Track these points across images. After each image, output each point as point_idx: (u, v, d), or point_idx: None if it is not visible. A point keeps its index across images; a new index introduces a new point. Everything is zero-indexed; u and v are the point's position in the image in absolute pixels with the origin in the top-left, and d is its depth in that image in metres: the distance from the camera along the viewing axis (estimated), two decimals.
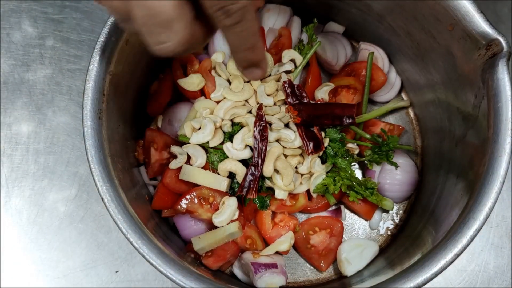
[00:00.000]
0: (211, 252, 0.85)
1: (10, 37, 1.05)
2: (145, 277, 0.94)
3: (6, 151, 1.00)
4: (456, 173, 0.81)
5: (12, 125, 1.01)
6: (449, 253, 0.67)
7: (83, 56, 1.05)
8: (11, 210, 0.98)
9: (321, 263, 0.91)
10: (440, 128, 0.90)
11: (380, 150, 0.90)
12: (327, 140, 0.86)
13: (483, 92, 0.73)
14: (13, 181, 0.99)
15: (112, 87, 0.75)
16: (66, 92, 1.03)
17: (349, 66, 0.98)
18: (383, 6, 0.88)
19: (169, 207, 0.87)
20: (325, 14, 1.00)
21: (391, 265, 0.81)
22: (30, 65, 1.04)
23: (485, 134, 0.72)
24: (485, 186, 0.68)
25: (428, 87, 0.91)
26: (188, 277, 0.67)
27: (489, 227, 0.96)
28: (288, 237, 0.88)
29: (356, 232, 0.96)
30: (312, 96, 0.93)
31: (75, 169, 0.99)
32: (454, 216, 0.72)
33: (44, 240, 0.96)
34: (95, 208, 0.97)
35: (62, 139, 1.01)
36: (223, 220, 0.83)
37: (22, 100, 1.02)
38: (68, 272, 0.95)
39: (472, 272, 0.94)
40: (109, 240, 0.96)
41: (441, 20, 0.77)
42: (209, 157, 0.85)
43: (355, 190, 0.88)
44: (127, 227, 0.68)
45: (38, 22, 1.06)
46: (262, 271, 0.82)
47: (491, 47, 0.70)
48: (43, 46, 1.05)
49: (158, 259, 0.67)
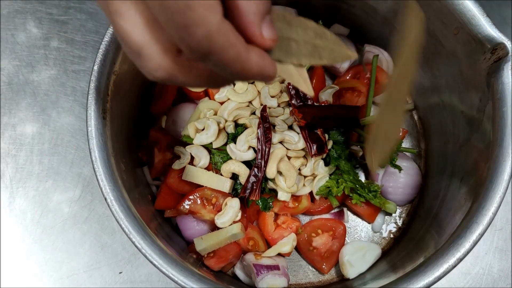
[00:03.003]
0: (213, 253, 0.85)
1: (15, 38, 1.06)
2: (149, 278, 0.94)
3: (11, 152, 1.00)
4: (459, 177, 0.81)
5: (17, 126, 1.02)
6: (452, 258, 0.66)
7: (87, 57, 1.05)
8: (15, 211, 0.98)
9: (323, 266, 0.91)
10: (444, 132, 0.89)
11: None
12: (330, 142, 0.86)
13: (488, 96, 0.72)
14: (17, 181, 0.99)
15: (116, 87, 0.75)
16: (71, 93, 1.03)
17: (353, 68, 0.98)
18: (388, 8, 0.88)
19: (172, 207, 0.87)
20: (330, 16, 1.00)
21: (394, 268, 0.81)
22: (34, 66, 1.05)
23: (489, 138, 0.72)
24: (489, 191, 0.68)
25: (433, 90, 0.91)
26: (190, 278, 0.67)
27: (493, 230, 0.96)
28: (291, 239, 0.88)
29: (359, 235, 0.96)
30: (316, 98, 0.93)
31: (79, 170, 1.00)
32: (458, 220, 0.71)
33: (48, 241, 0.97)
34: (99, 209, 0.97)
35: (67, 140, 1.01)
36: (225, 221, 0.83)
37: (27, 101, 1.03)
38: (72, 273, 0.95)
39: (476, 275, 0.94)
40: (113, 241, 0.96)
41: (446, 24, 0.77)
42: (212, 158, 0.86)
43: (358, 193, 0.88)
44: (130, 228, 0.68)
45: (43, 23, 1.07)
46: (264, 273, 0.82)
47: (497, 51, 0.70)
48: (48, 47, 1.06)
49: (160, 259, 0.67)
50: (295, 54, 0.50)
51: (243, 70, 0.41)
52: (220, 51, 0.39)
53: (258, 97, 0.88)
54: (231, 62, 0.40)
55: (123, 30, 0.41)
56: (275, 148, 0.83)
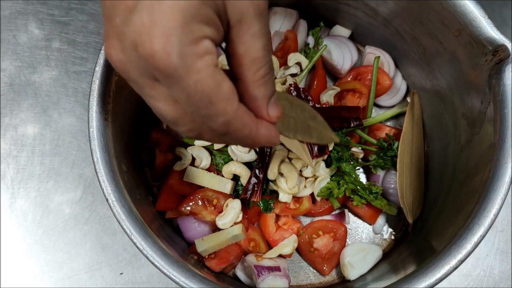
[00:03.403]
0: (214, 254, 0.85)
1: (16, 39, 1.06)
2: (150, 279, 0.94)
3: (12, 153, 1.00)
4: (461, 179, 0.81)
5: (18, 127, 1.02)
6: (453, 259, 0.66)
7: (88, 58, 1.05)
8: (17, 212, 0.98)
9: (324, 267, 0.91)
10: (445, 134, 0.89)
11: (385, 155, 0.90)
12: (332, 143, 0.86)
13: (489, 98, 0.73)
14: (18, 182, 0.99)
15: (118, 88, 0.75)
16: (72, 94, 1.03)
17: (354, 70, 0.98)
18: (390, 10, 0.88)
19: (173, 208, 0.87)
20: (332, 17, 1.00)
21: (395, 270, 0.81)
22: (36, 67, 1.05)
23: (490, 140, 0.72)
24: (490, 193, 0.68)
25: (434, 92, 0.91)
26: (191, 279, 0.67)
27: (494, 232, 0.96)
28: (292, 240, 0.88)
29: (360, 236, 0.96)
30: (318, 99, 0.93)
31: (81, 171, 1.00)
32: (459, 222, 0.72)
33: (49, 241, 0.97)
34: (100, 210, 0.98)
35: (68, 141, 1.01)
36: (226, 222, 0.83)
37: (28, 101, 1.03)
38: (73, 274, 0.95)
39: (478, 276, 0.94)
40: (114, 242, 0.96)
41: (447, 25, 0.77)
42: (213, 159, 0.86)
43: (359, 194, 0.88)
44: (132, 228, 0.68)
45: (44, 24, 1.07)
46: (265, 274, 0.82)
47: (498, 53, 0.70)
48: (49, 48, 1.06)
49: (162, 260, 0.67)
50: (292, 130, 0.58)
51: (254, 142, 0.51)
52: (236, 131, 0.48)
53: None
54: (244, 138, 0.49)
55: (159, 109, 0.47)
56: (276, 149, 0.83)
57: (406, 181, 0.88)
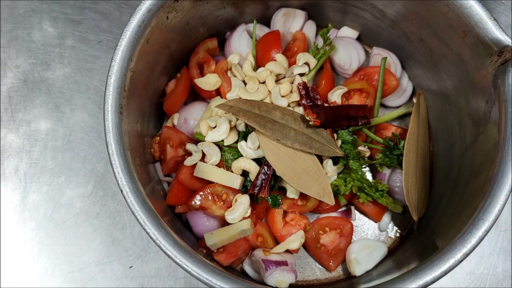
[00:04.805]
0: (223, 249, 0.87)
1: (31, 36, 1.08)
2: (158, 273, 0.96)
3: (25, 147, 1.02)
4: (465, 177, 0.82)
5: (31, 122, 1.04)
6: (458, 253, 0.68)
7: (101, 56, 1.07)
8: (29, 205, 1.00)
9: (330, 263, 0.92)
10: (451, 133, 0.91)
11: (391, 153, 0.91)
12: (339, 141, 0.88)
13: (494, 98, 0.74)
14: (31, 176, 1.01)
15: (132, 84, 0.77)
16: (84, 91, 1.05)
17: (362, 70, 0.99)
18: (397, 12, 0.90)
19: (183, 203, 0.89)
20: (340, 19, 1.02)
21: (399, 266, 0.82)
22: (49, 64, 1.07)
23: (495, 139, 0.73)
24: (494, 189, 0.69)
25: (440, 93, 0.93)
26: (203, 269, 0.69)
27: (498, 231, 0.97)
28: (299, 236, 0.89)
29: (366, 233, 0.97)
30: (325, 98, 0.95)
31: (92, 166, 1.01)
32: (464, 219, 0.73)
33: (60, 235, 0.98)
34: (110, 204, 0.99)
35: (79, 136, 1.03)
36: (235, 217, 0.84)
37: (41, 98, 1.05)
38: (83, 267, 0.97)
39: (481, 275, 0.95)
40: (124, 237, 0.98)
41: (454, 27, 0.79)
42: (223, 155, 0.87)
43: (366, 192, 0.89)
44: (145, 218, 0.69)
45: (58, 23, 1.09)
46: (272, 268, 0.84)
47: (503, 54, 0.71)
48: (63, 45, 1.08)
49: (174, 250, 0.69)
50: (291, 139, 0.64)
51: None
52: None
53: (269, 97, 0.90)
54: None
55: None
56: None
57: (411, 179, 0.89)
